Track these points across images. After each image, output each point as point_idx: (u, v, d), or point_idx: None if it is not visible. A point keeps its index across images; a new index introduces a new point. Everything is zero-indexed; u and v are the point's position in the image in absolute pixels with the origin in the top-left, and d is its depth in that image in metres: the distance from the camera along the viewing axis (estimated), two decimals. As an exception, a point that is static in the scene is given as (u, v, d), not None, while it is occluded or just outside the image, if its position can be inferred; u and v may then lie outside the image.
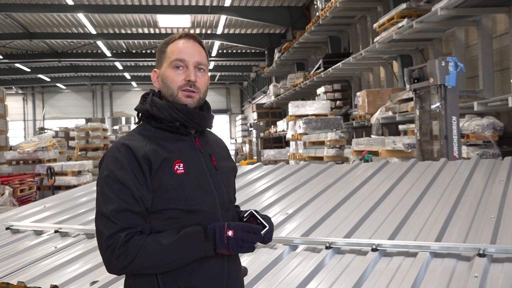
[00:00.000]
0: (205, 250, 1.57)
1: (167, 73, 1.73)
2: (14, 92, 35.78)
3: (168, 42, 1.77)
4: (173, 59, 1.72)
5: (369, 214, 3.36)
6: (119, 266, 1.55)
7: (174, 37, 1.77)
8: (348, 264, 2.64)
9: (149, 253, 1.55)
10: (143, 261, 1.55)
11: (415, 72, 6.24)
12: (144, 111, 1.74)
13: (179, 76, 1.72)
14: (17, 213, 4.54)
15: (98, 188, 1.64)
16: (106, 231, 1.56)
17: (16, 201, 10.23)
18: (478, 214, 3.12)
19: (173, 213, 1.63)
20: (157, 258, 1.55)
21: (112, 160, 1.64)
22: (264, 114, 23.50)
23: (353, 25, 15.27)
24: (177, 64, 1.72)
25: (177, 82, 1.72)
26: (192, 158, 1.71)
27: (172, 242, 1.56)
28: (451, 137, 5.74)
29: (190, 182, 1.67)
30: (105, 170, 1.63)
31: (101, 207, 1.60)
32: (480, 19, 8.88)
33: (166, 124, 1.71)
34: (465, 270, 2.41)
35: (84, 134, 19.74)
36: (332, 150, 10.63)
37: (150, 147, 1.65)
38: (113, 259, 1.55)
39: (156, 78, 1.78)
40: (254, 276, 2.58)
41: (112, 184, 1.60)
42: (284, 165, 5.26)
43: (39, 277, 2.93)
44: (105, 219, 1.58)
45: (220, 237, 1.57)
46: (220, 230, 1.58)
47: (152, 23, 21.68)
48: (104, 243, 1.56)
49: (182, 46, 1.74)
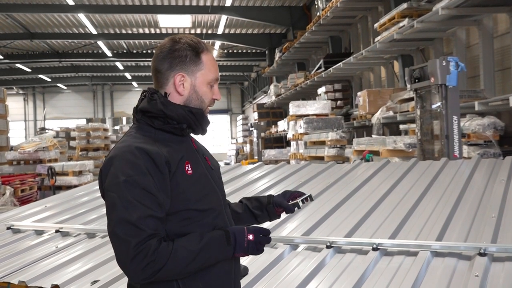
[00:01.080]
0: (225, 254, 1.62)
1: (205, 88, 1.75)
2: (15, 92, 35.80)
3: (200, 50, 1.73)
4: (213, 78, 1.76)
5: (370, 214, 3.36)
6: (146, 274, 1.51)
7: (205, 46, 1.75)
8: (349, 264, 2.64)
9: (179, 260, 1.54)
10: (172, 269, 1.54)
11: (416, 72, 6.24)
12: (157, 110, 1.68)
13: (211, 93, 1.78)
14: (18, 213, 4.55)
15: (114, 194, 1.57)
16: (133, 239, 1.51)
17: (17, 201, 10.24)
18: (479, 213, 3.12)
19: (189, 214, 1.64)
20: (187, 264, 1.55)
21: (128, 164, 1.58)
22: (265, 114, 23.49)
23: (354, 25, 15.27)
24: (213, 84, 1.77)
25: (209, 99, 1.78)
26: (195, 159, 1.73)
27: (200, 248, 1.57)
28: (452, 136, 5.73)
29: (199, 182, 1.69)
30: (122, 175, 1.57)
31: (123, 214, 1.54)
32: (481, 18, 8.87)
33: (172, 125, 1.69)
34: (465, 269, 2.41)
35: (85, 134, 19.74)
36: (333, 150, 10.62)
37: (165, 150, 1.64)
38: (141, 267, 1.50)
39: (181, 84, 1.72)
40: (255, 276, 2.58)
41: (133, 189, 1.55)
42: (284, 165, 5.26)
43: (40, 276, 2.94)
44: (130, 227, 1.52)
45: (240, 241, 1.62)
46: (240, 235, 1.63)
47: (153, 23, 21.68)
48: (132, 251, 1.50)
49: (215, 63, 1.77)
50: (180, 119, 1.70)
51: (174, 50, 1.71)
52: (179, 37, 1.74)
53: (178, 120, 1.70)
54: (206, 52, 1.75)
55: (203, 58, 1.73)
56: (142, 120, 1.72)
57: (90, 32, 21.85)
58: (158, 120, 1.69)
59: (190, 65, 1.72)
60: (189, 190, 1.65)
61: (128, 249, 1.50)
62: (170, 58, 1.71)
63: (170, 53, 1.71)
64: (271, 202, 1.98)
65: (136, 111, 1.74)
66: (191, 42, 1.73)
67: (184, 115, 1.70)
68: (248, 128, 26.24)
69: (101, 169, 1.65)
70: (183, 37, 1.74)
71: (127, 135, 1.71)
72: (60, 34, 22.71)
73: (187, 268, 1.56)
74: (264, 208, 1.99)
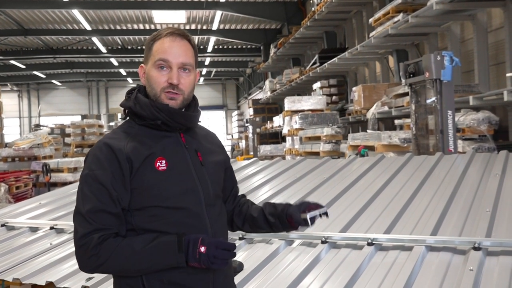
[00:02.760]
0: (177, 261, 1.56)
1: (151, 72, 1.70)
2: (9, 89, 35.63)
3: (155, 38, 1.72)
4: (157, 59, 1.68)
5: (365, 209, 3.36)
6: (91, 266, 1.58)
7: (161, 33, 1.72)
8: (344, 259, 2.64)
9: (121, 257, 1.56)
10: (114, 265, 1.57)
11: (411, 67, 6.24)
12: (128, 108, 1.73)
13: (163, 77, 1.68)
14: (13, 210, 4.53)
15: (79, 186, 1.65)
16: (80, 230, 1.58)
17: (11, 198, 10.20)
18: (474, 207, 3.13)
19: (155, 211, 1.62)
20: (128, 263, 1.57)
21: (93, 159, 1.65)
22: (260, 110, 23.48)
23: (349, 20, 15.26)
24: (161, 64, 1.68)
25: (160, 83, 1.68)
26: (176, 154, 1.69)
27: (145, 249, 1.56)
28: (447, 131, 5.74)
29: (172, 179, 1.65)
30: (86, 168, 1.65)
31: (78, 206, 1.61)
32: (475, 13, 8.88)
33: (149, 122, 1.69)
34: (460, 263, 2.42)
35: (80, 131, 19.69)
36: (328, 145, 10.63)
37: (131, 146, 1.64)
38: (85, 258, 1.57)
39: (142, 74, 1.75)
40: (250, 271, 2.59)
41: (91, 183, 1.61)
42: (280, 160, 5.26)
43: (35, 273, 2.93)
44: (81, 218, 1.60)
45: (192, 251, 1.55)
46: (193, 244, 1.55)
47: (148, 19, 21.61)
48: (78, 241, 1.58)
49: (168, 46, 1.69)
50: (149, 115, 1.68)
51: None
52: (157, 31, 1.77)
53: (148, 117, 1.68)
54: (162, 38, 1.70)
55: (155, 44, 1.71)
56: (128, 116, 1.76)
57: (85, 28, 21.75)
58: (136, 117, 1.71)
59: (145, 55, 1.74)
60: (155, 187, 1.62)
61: (76, 239, 1.59)
62: None
63: None
64: (284, 211, 1.82)
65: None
66: (155, 33, 1.74)
67: (152, 111, 1.67)
68: (243, 124, 26.23)
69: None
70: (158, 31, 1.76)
71: (111, 131, 1.77)
72: (54, 30, 22.58)
73: (131, 266, 1.57)
74: (277, 216, 1.85)
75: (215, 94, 38.57)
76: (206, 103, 37.15)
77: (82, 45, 25.52)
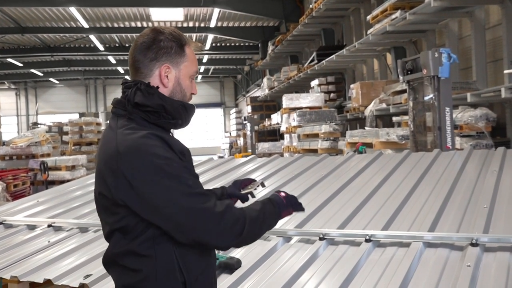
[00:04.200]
0: (278, 213, 1.75)
1: (187, 82, 1.74)
2: (7, 87, 35.60)
3: (184, 43, 1.73)
4: (195, 71, 1.76)
5: (363, 205, 3.36)
6: (236, 232, 1.58)
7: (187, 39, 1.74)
8: (342, 255, 2.64)
9: (256, 220, 1.65)
10: (253, 228, 1.63)
11: (409, 64, 6.24)
12: (156, 105, 1.63)
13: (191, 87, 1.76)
14: (10, 208, 4.53)
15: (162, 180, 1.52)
16: (207, 203, 1.56)
17: (9, 196, 10.19)
18: (471, 204, 3.13)
19: None
20: (261, 223, 1.67)
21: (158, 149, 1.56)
22: (258, 107, 23.47)
23: (347, 17, 15.25)
24: (193, 77, 1.77)
25: (189, 92, 1.76)
26: None
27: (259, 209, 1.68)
28: (445, 128, 5.75)
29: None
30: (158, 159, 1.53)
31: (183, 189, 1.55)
32: (473, 10, 8.88)
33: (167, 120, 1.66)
34: (458, 259, 2.42)
35: (77, 129, 19.64)
36: (326, 143, 10.63)
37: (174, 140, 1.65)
38: (230, 224, 1.58)
39: (166, 75, 1.68)
40: (248, 268, 2.58)
41: (178, 167, 1.57)
42: (278, 158, 5.26)
43: (33, 271, 2.93)
44: (197, 196, 1.57)
45: (279, 200, 1.76)
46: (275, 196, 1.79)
47: (145, 17, 21.57)
48: (217, 209, 1.56)
49: (195, 57, 1.78)
50: (175, 114, 1.67)
51: (159, 40, 1.68)
52: (162, 28, 1.72)
53: (173, 115, 1.66)
54: (188, 45, 1.75)
55: (186, 51, 1.72)
56: (135, 113, 1.64)
57: (82, 26, 21.70)
58: (153, 115, 1.64)
59: (175, 56, 1.69)
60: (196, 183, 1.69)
61: (211, 213, 1.56)
62: (155, 48, 1.67)
63: (155, 43, 1.68)
64: (224, 193, 2.00)
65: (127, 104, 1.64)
66: (175, 33, 1.71)
67: (178, 110, 1.67)
68: (241, 122, 26.21)
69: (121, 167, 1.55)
70: (165, 28, 1.72)
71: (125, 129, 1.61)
72: (52, 28, 22.54)
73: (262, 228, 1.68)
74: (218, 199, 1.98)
75: (213, 91, 38.53)
76: (204, 101, 37.13)
77: (80, 43, 25.45)
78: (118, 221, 1.60)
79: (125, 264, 1.61)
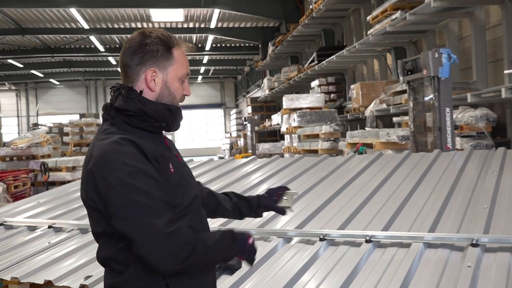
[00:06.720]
0: (233, 252, 1.65)
1: (177, 84, 1.70)
2: (7, 88, 35.61)
3: (172, 45, 1.69)
4: (184, 74, 1.71)
5: (363, 206, 3.36)
6: (182, 257, 1.48)
7: (176, 41, 1.71)
8: (342, 256, 2.64)
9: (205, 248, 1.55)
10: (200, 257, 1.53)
11: (409, 64, 6.24)
12: (136, 109, 1.62)
13: (181, 89, 1.72)
14: (11, 209, 4.53)
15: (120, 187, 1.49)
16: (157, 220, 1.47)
17: (10, 197, 10.20)
18: (471, 204, 3.13)
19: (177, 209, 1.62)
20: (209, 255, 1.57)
21: (127, 155, 1.53)
22: (258, 108, 23.46)
23: (347, 17, 15.26)
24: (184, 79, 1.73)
25: (180, 95, 1.72)
26: (170, 156, 1.71)
27: (215, 240, 1.59)
28: (445, 128, 5.75)
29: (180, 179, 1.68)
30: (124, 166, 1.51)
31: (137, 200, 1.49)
32: (473, 10, 8.89)
33: (151, 123, 1.64)
34: (458, 260, 2.42)
35: (78, 130, 19.66)
36: (326, 143, 10.64)
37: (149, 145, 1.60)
38: (176, 249, 1.47)
39: (152, 79, 1.66)
40: (248, 269, 2.58)
41: (141, 178, 1.51)
42: (278, 158, 5.26)
43: (33, 272, 2.93)
44: (149, 210, 1.48)
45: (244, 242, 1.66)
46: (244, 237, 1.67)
47: (145, 18, 21.58)
48: (164, 230, 1.46)
49: (186, 59, 1.73)
50: (159, 117, 1.65)
51: (145, 45, 1.66)
52: (150, 31, 1.69)
53: (156, 118, 1.65)
54: (177, 47, 1.70)
55: (174, 53, 1.69)
56: (117, 118, 1.64)
57: (82, 27, 21.71)
58: (135, 119, 1.63)
59: (161, 60, 1.67)
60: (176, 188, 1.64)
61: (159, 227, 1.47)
62: (141, 53, 1.65)
63: (141, 47, 1.66)
64: (260, 205, 2.01)
65: (110, 108, 1.65)
66: (162, 36, 1.68)
67: (162, 112, 1.65)
68: (242, 122, 26.22)
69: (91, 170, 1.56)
70: (153, 31, 1.69)
71: (104, 133, 1.62)
72: (52, 29, 22.54)
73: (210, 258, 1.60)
74: (253, 210, 2.03)
75: (213, 92, 38.53)
76: (204, 102, 37.13)
77: (80, 44, 25.46)
78: (97, 225, 1.64)
79: (111, 265, 1.64)
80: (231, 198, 2.03)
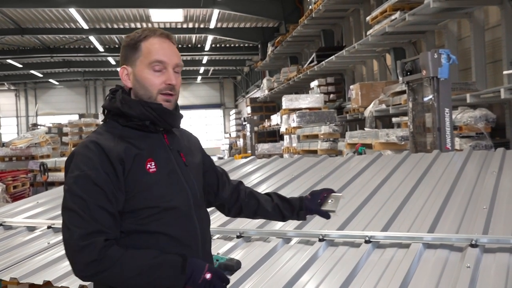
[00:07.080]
0: (176, 281, 1.53)
1: (145, 74, 1.67)
2: (6, 88, 35.57)
3: (140, 39, 1.69)
4: (152, 60, 1.66)
5: (362, 206, 3.36)
6: (89, 272, 1.48)
7: (147, 33, 1.70)
8: (342, 256, 2.64)
9: (125, 269, 1.49)
10: (115, 275, 1.49)
11: (408, 65, 6.25)
12: (114, 108, 1.68)
13: (158, 78, 1.66)
14: (10, 210, 4.53)
15: (66, 187, 1.57)
16: (77, 230, 1.49)
17: (9, 197, 10.20)
18: (471, 205, 3.13)
19: (147, 213, 1.60)
20: (131, 276, 1.50)
21: (83, 158, 1.57)
22: (258, 108, 23.45)
23: (346, 18, 15.26)
24: (157, 67, 1.67)
25: (156, 85, 1.66)
26: (162, 155, 1.68)
27: (150, 264, 1.52)
28: (444, 129, 5.75)
29: (163, 181, 1.64)
30: (75, 169, 1.56)
31: (70, 205, 1.53)
32: (472, 11, 8.89)
33: (136, 122, 1.66)
34: (457, 260, 2.42)
35: (77, 130, 19.66)
36: (326, 144, 10.64)
37: (121, 146, 1.60)
38: (85, 263, 1.48)
39: (126, 76, 1.71)
40: (248, 269, 2.59)
41: (84, 184, 1.53)
42: (277, 159, 5.26)
43: (32, 273, 2.93)
44: (76, 216, 1.51)
45: (197, 275, 1.54)
46: (199, 269, 1.55)
47: (145, 18, 21.57)
48: (78, 242, 1.48)
49: (160, 47, 1.68)
50: (141, 116, 1.65)
51: (123, 47, 1.74)
52: (133, 33, 1.74)
53: (138, 117, 1.65)
54: (147, 38, 1.69)
55: (142, 45, 1.69)
56: (109, 117, 1.71)
57: (82, 27, 21.69)
58: (121, 118, 1.67)
59: (130, 55, 1.71)
60: (150, 189, 1.61)
61: (73, 240, 1.49)
62: (120, 55, 1.75)
63: (121, 50, 1.75)
64: (303, 207, 1.98)
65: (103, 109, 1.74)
66: (135, 34, 1.72)
67: (143, 111, 1.65)
68: (241, 123, 26.21)
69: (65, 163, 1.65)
70: (134, 32, 1.74)
71: (93, 132, 1.70)
72: (51, 29, 22.51)
73: (131, 280, 1.50)
74: (295, 212, 1.99)
75: (213, 92, 38.51)
76: (203, 102, 37.11)
77: (79, 44, 25.45)
78: None
79: None
80: (272, 199, 2.01)
